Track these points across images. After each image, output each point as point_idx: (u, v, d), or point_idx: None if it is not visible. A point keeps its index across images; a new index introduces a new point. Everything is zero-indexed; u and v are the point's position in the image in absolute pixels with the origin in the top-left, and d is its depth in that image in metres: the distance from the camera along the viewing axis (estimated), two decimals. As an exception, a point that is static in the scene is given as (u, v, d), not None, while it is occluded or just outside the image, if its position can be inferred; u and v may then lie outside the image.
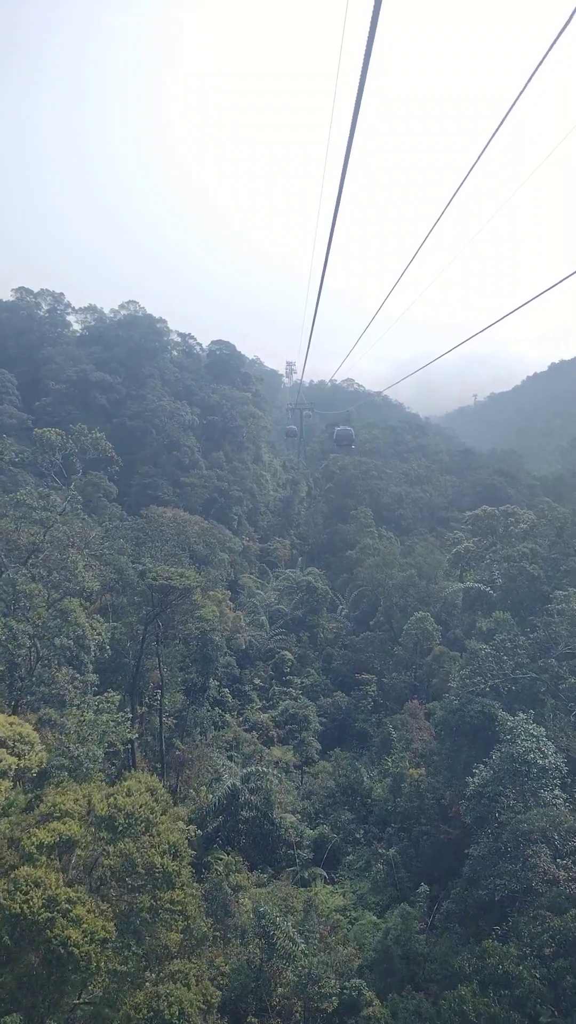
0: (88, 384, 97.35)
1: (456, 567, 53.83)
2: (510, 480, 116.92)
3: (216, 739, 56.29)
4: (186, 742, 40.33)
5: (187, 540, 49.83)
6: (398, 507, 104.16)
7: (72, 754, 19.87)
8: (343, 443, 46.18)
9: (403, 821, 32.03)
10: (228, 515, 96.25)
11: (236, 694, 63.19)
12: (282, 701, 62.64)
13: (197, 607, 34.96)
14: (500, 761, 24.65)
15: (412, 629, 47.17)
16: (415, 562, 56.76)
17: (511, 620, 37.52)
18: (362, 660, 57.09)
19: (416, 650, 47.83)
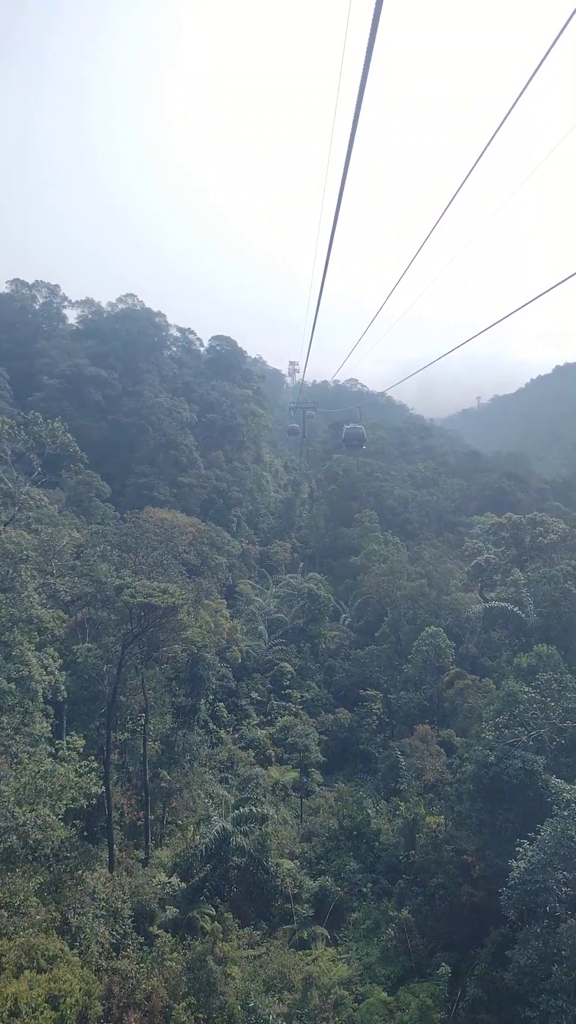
0: (83, 379, 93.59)
1: (476, 580, 49.80)
2: (519, 484, 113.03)
3: (210, 758, 52.54)
4: (174, 771, 36.48)
5: (176, 547, 45.83)
6: (404, 510, 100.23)
7: (17, 822, 16.10)
8: (353, 443, 41.91)
9: (417, 874, 28.09)
10: (227, 517, 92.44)
11: (232, 708, 59.37)
12: (281, 717, 58.81)
13: (183, 626, 31.10)
14: (553, 841, 20.03)
15: (423, 645, 43.26)
16: (425, 571, 52.90)
17: (557, 656, 33.07)
18: (366, 675, 53.19)
19: (427, 668, 43.91)
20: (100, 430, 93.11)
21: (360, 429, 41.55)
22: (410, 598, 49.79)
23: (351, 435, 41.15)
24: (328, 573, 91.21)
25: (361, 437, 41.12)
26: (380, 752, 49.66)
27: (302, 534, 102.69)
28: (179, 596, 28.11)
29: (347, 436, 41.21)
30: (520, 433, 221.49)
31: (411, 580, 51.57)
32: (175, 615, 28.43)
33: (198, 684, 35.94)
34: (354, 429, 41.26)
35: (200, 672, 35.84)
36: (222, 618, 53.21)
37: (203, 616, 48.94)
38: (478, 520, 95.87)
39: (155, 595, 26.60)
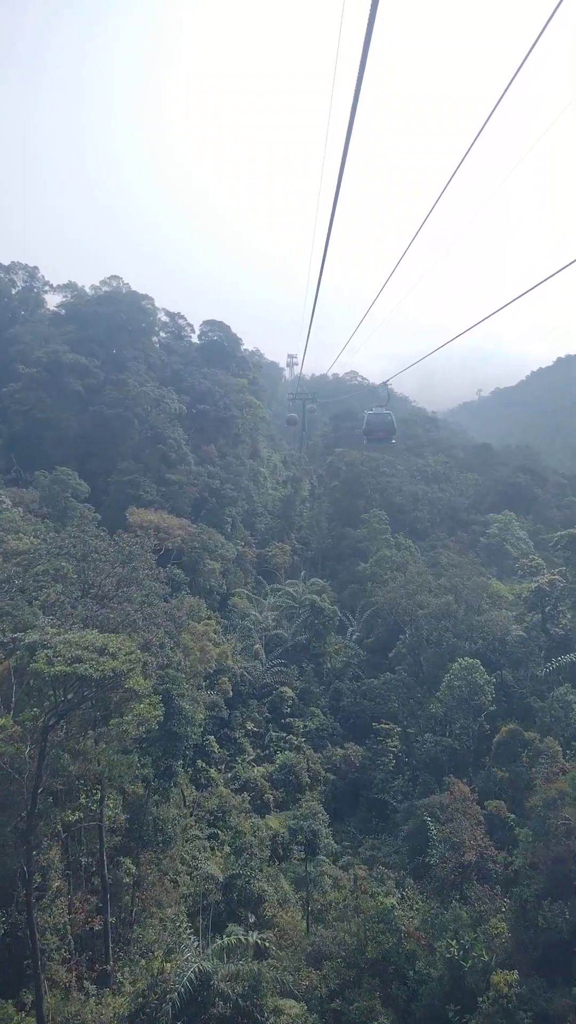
0: (61, 367, 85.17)
1: (536, 608, 41.30)
2: (536, 478, 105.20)
3: (198, 804, 44.56)
4: (145, 852, 28.47)
5: (149, 563, 37.26)
6: (413, 508, 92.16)
7: None
8: (379, 434, 28.72)
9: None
10: (220, 517, 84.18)
11: (224, 742, 51.35)
12: (281, 751, 50.85)
13: (135, 696, 22.80)
14: None
15: (456, 680, 35.25)
16: (451, 584, 44.79)
17: None
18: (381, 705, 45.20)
19: (460, 708, 35.89)
20: (80, 423, 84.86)
21: (388, 416, 28.30)
22: (433, 617, 41.72)
23: (376, 423, 28.33)
24: (331, 578, 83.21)
25: (390, 426, 28.26)
26: (399, 803, 41.70)
27: (302, 535, 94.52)
28: (126, 656, 20.00)
29: (370, 425, 28.38)
30: (522, 426, 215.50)
31: (435, 595, 43.52)
32: (121, 683, 20.35)
33: (173, 743, 28.04)
34: (380, 416, 28.39)
35: (176, 728, 27.94)
36: (210, 642, 45.06)
37: (187, 641, 40.92)
38: (494, 518, 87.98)
39: (86, 659, 18.51)
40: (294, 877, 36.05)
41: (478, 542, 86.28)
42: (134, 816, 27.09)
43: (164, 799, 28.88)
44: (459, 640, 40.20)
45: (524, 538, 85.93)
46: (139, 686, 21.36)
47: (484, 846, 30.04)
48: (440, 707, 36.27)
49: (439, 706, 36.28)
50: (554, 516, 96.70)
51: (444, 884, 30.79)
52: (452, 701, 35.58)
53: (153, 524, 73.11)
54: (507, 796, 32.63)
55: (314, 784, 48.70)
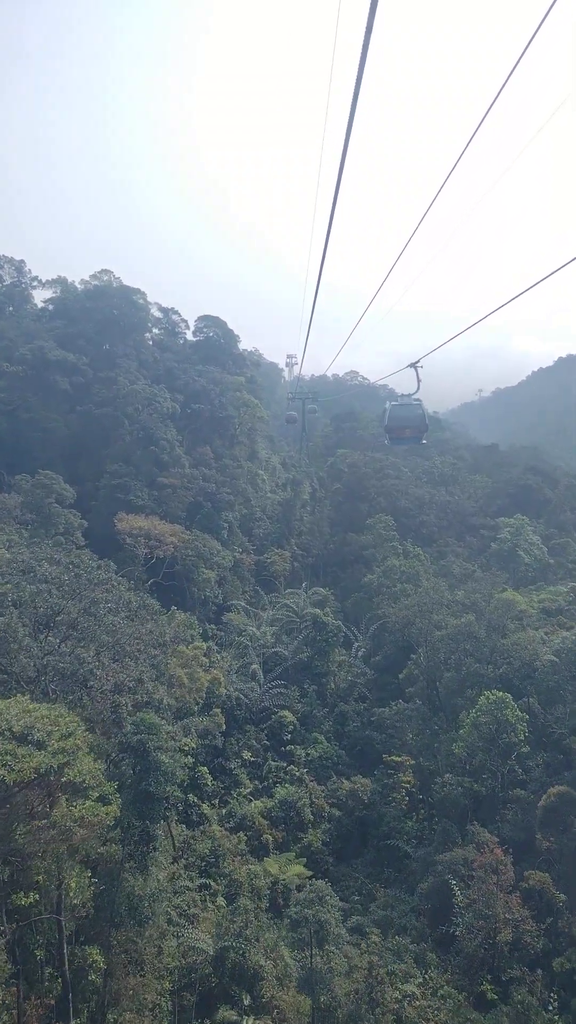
0: (46, 364, 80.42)
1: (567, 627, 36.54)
2: (547, 480, 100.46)
3: (188, 847, 39.79)
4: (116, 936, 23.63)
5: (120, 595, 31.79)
6: (419, 512, 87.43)
7: None
8: (405, 433, 22.31)
9: None
10: (216, 523, 79.46)
11: (218, 773, 46.62)
12: (280, 784, 46.13)
13: (79, 790, 17.73)
14: None
15: (482, 717, 30.51)
16: (470, 600, 40.02)
17: None
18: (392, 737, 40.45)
19: (487, 749, 31.17)
20: (67, 423, 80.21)
21: (418, 407, 21.78)
22: (452, 639, 36.98)
23: (402, 418, 21.88)
24: (334, 585, 78.49)
25: (420, 421, 22.00)
26: (414, 849, 36.94)
27: (303, 540, 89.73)
28: (59, 745, 15.20)
29: (394, 420, 21.98)
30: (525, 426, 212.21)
31: (452, 614, 38.81)
32: (43, 785, 15.56)
33: (149, 806, 23.28)
34: (407, 408, 21.72)
35: (152, 788, 23.18)
36: (200, 667, 40.30)
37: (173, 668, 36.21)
38: (505, 522, 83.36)
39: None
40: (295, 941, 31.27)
41: (488, 548, 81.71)
42: (105, 891, 22.39)
43: (140, 869, 24.14)
44: (481, 665, 35.53)
45: (537, 543, 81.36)
46: (83, 775, 16.66)
47: (521, 919, 25.33)
48: (463, 746, 31.56)
49: (461, 745, 31.59)
50: (567, 520, 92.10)
51: (473, 962, 26.04)
52: (478, 740, 30.92)
53: (143, 531, 68.48)
54: (554, 870, 27.91)
55: (317, 821, 44.01)
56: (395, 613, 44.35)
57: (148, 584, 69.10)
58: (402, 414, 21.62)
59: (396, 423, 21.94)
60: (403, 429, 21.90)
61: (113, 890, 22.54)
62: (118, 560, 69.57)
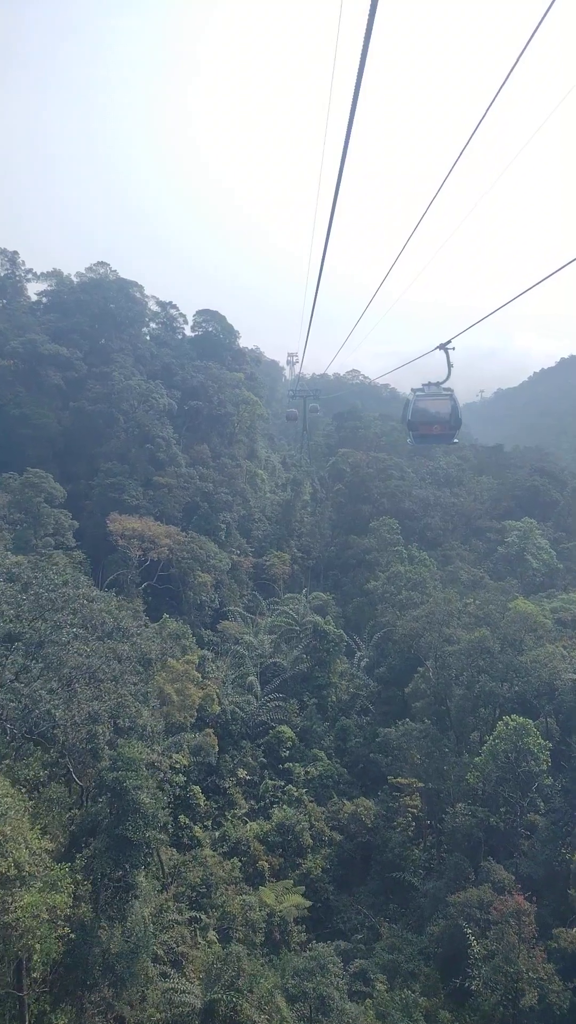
0: (39, 358, 77.55)
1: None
2: (554, 482, 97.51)
3: (177, 874, 37.02)
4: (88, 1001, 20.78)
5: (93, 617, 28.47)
6: (424, 514, 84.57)
7: None
8: (434, 430, 18.37)
9: None
10: (213, 524, 76.66)
11: (211, 792, 43.80)
12: (278, 804, 43.30)
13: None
14: None
15: (501, 745, 27.69)
16: (484, 613, 37.10)
17: None
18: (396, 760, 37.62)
19: (506, 780, 28.35)
20: (60, 419, 77.32)
21: (448, 399, 18.04)
22: (464, 654, 34.15)
23: (430, 413, 17.99)
24: (335, 589, 75.77)
25: (452, 416, 18.10)
26: (422, 881, 34.11)
27: (303, 542, 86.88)
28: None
29: (419, 415, 18.12)
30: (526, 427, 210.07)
31: (464, 627, 36.01)
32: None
33: (127, 853, 20.42)
34: (434, 398, 17.94)
35: (130, 833, 20.32)
36: (192, 683, 37.47)
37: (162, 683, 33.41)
38: (513, 525, 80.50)
39: None
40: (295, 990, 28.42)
41: (495, 551, 78.89)
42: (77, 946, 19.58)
43: (120, 918, 21.34)
44: (496, 684, 32.73)
45: (546, 547, 78.51)
46: (20, 864, 13.84)
47: (546, 977, 22.54)
48: (478, 778, 28.74)
49: (476, 776, 28.78)
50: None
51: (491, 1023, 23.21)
52: (495, 771, 28.14)
53: (137, 532, 65.67)
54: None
55: (317, 846, 41.18)
56: (403, 625, 41.50)
57: (142, 588, 66.34)
58: (429, 407, 17.99)
59: (422, 418, 18.14)
60: (430, 425, 18.16)
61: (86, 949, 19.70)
62: (111, 562, 66.96)
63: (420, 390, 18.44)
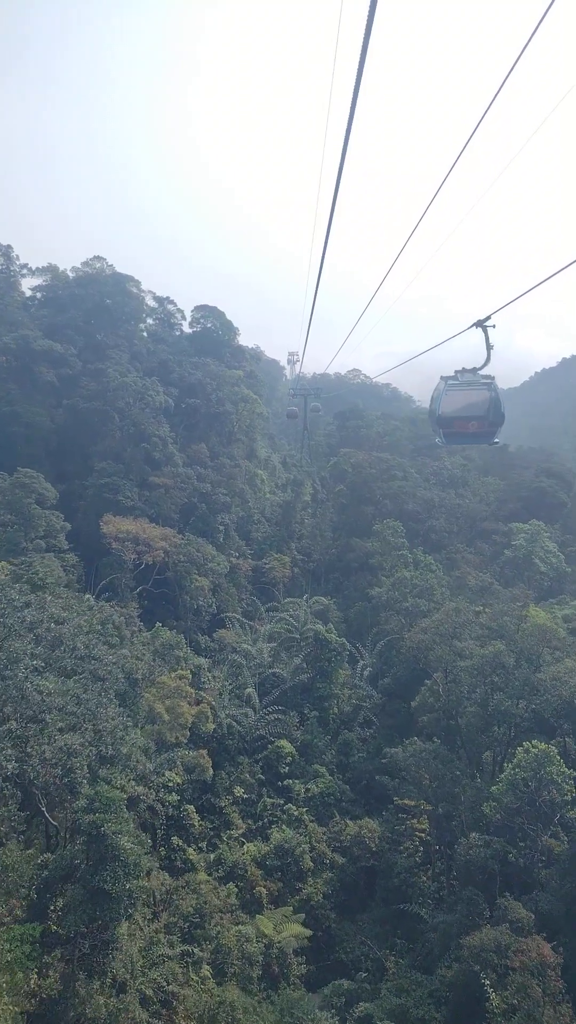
0: (31, 355, 75.24)
1: None
2: (561, 483, 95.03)
3: (168, 902, 34.71)
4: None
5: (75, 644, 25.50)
6: (428, 516, 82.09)
7: None
8: (470, 427, 15.33)
9: None
10: (211, 525, 74.44)
11: (206, 811, 41.48)
12: (276, 824, 41.04)
13: None
14: None
15: (522, 773, 25.36)
16: (499, 625, 34.68)
17: None
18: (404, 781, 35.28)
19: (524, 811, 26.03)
20: (53, 418, 75.02)
21: (488, 389, 15.11)
22: (478, 670, 31.80)
23: (462, 404, 15.16)
24: (336, 594, 73.39)
25: (492, 410, 15.33)
26: (431, 914, 31.78)
27: (304, 545, 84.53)
28: None
29: (450, 407, 15.18)
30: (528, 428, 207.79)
31: (477, 640, 33.67)
32: None
33: (104, 907, 18.01)
34: (469, 390, 14.99)
35: (107, 885, 17.95)
36: (184, 700, 35.12)
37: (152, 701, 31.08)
38: (519, 528, 78.00)
39: None
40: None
41: (501, 555, 76.52)
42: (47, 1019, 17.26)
43: (100, 973, 19.03)
44: (512, 702, 30.41)
45: (554, 551, 76.11)
46: None
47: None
48: (495, 809, 26.41)
49: (493, 807, 26.44)
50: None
51: None
52: (514, 801, 25.83)
53: (131, 534, 63.36)
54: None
55: (318, 870, 38.93)
56: (411, 637, 39.12)
57: (137, 592, 64.10)
58: (465, 399, 14.80)
59: (455, 412, 14.92)
60: (466, 421, 15.06)
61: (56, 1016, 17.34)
62: (105, 565, 64.66)
63: (452, 378, 15.18)
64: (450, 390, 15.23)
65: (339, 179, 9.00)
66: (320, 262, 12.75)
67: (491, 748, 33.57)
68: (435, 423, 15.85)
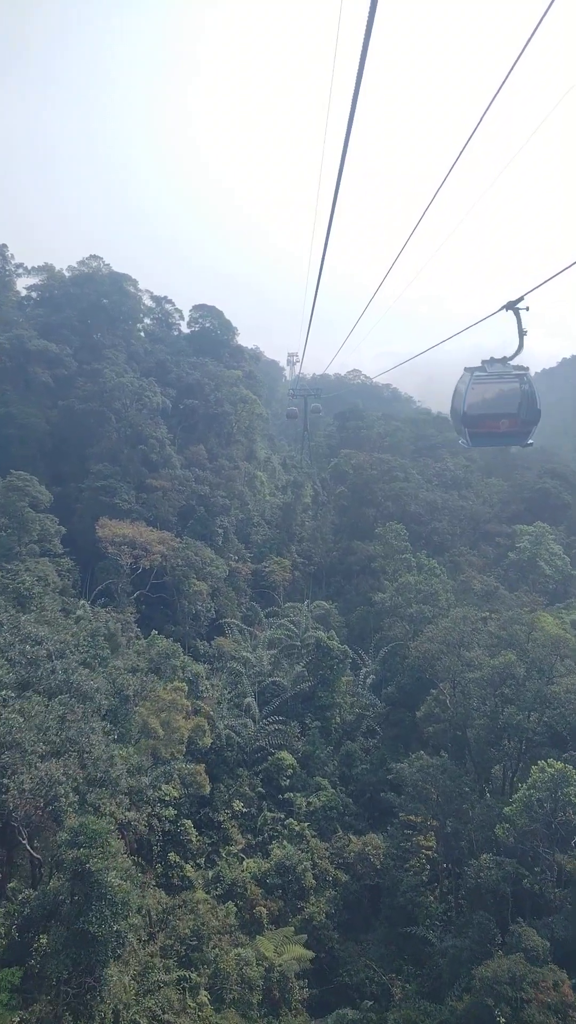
0: (26, 355, 73.83)
1: None
2: (566, 484, 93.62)
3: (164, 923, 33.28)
4: None
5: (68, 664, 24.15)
6: (430, 518, 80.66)
7: None
8: (495, 425, 13.32)
9: None
10: (210, 528, 72.99)
11: (204, 826, 40.04)
12: (277, 839, 39.61)
13: None
14: None
15: (537, 793, 23.93)
16: (509, 634, 33.21)
17: None
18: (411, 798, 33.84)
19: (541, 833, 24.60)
20: (48, 419, 73.58)
21: (519, 381, 12.95)
22: (488, 682, 30.37)
23: (490, 400, 13.13)
24: (337, 597, 71.98)
25: (527, 406, 13.16)
26: (439, 936, 30.35)
27: (304, 547, 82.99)
28: None
29: (476, 403, 13.14)
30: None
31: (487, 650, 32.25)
32: None
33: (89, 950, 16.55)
34: (498, 382, 12.99)
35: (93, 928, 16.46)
36: (180, 714, 33.68)
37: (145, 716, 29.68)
38: (524, 530, 76.58)
39: None
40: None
41: (505, 557, 75.10)
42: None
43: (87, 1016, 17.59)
44: (523, 716, 29.00)
45: (559, 553, 74.71)
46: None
47: None
48: (510, 832, 24.98)
49: (506, 830, 25.00)
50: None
51: None
52: (529, 824, 24.41)
53: (128, 538, 61.98)
54: None
55: (321, 887, 37.48)
56: (417, 646, 37.67)
57: (134, 597, 62.75)
58: (494, 393, 12.87)
59: (483, 409, 12.93)
60: (496, 420, 13.09)
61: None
62: (101, 570, 63.22)
63: (479, 369, 13.13)
64: (477, 383, 13.22)
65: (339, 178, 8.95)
66: (321, 260, 12.52)
67: (501, 762, 32.16)
68: (460, 422, 13.76)
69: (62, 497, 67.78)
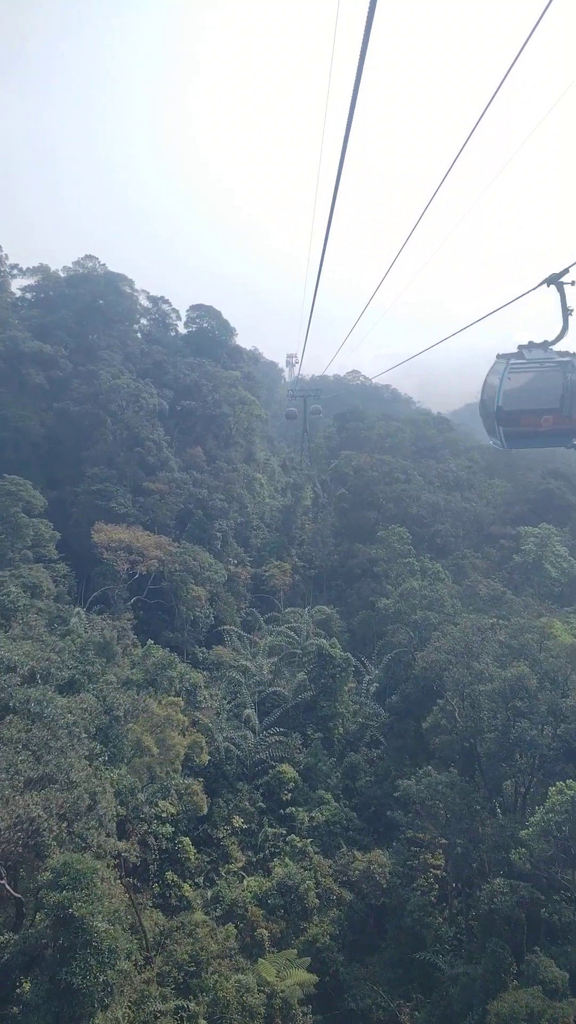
0: (20, 357, 72.47)
1: None
2: (569, 485, 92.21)
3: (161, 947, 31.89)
4: None
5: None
6: (433, 520, 79.30)
7: None
8: (537, 422, 11.29)
9: None
10: (208, 532, 71.50)
11: (203, 843, 38.63)
12: (279, 857, 38.14)
13: None
14: None
15: (555, 817, 22.49)
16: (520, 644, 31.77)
17: None
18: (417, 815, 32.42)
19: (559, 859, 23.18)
20: (43, 422, 72.26)
21: (564, 370, 11.07)
22: (499, 694, 28.94)
23: (529, 394, 11.15)
24: (339, 601, 70.59)
25: (566, 397, 11.01)
26: (450, 963, 28.88)
27: (305, 551, 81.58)
28: None
29: (512, 396, 11.28)
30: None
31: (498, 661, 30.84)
32: None
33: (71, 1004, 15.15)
34: (537, 373, 11.07)
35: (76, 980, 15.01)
36: (175, 731, 32.24)
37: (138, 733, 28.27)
38: (528, 532, 75.14)
39: None
40: None
41: (509, 559, 73.72)
42: None
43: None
44: (537, 731, 27.61)
45: (565, 555, 73.31)
46: None
47: None
48: (525, 857, 23.57)
49: (522, 855, 23.59)
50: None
51: None
52: (547, 849, 23.01)
53: (124, 543, 60.53)
54: None
55: (324, 907, 35.97)
56: (424, 657, 36.24)
57: (131, 603, 61.37)
58: (533, 385, 11.05)
59: (520, 404, 11.14)
60: (537, 416, 11.26)
61: None
62: (97, 576, 61.81)
63: (516, 356, 11.35)
64: (513, 373, 11.38)
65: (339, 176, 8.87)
66: (320, 261, 12.46)
67: (513, 778, 30.76)
68: (492, 419, 11.87)
69: (57, 501, 66.46)
